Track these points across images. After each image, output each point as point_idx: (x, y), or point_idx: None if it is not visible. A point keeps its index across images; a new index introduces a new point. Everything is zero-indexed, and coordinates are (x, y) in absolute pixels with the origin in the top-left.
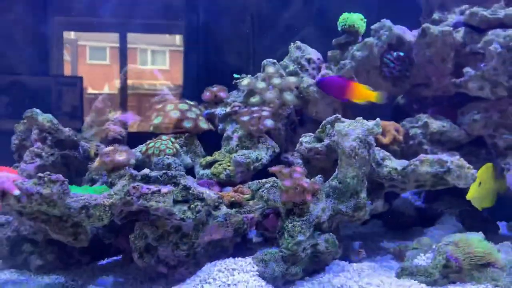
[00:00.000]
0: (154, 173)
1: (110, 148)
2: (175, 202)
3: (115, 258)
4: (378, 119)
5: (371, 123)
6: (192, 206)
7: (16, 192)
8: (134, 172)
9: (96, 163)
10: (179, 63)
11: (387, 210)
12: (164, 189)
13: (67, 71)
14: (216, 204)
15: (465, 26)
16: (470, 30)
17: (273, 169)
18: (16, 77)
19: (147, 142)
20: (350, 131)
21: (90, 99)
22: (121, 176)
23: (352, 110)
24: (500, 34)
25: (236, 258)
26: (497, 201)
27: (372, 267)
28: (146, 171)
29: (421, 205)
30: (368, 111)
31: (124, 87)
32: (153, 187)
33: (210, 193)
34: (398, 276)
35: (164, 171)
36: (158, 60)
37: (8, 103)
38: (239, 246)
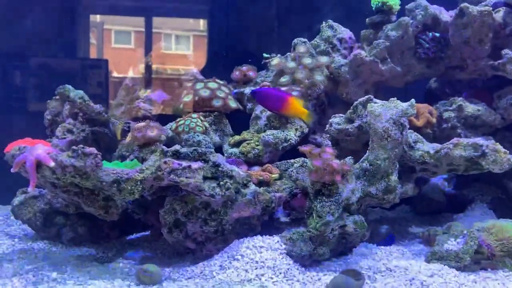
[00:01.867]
0: (184, 150)
1: (141, 124)
2: (205, 178)
3: (143, 233)
4: (412, 100)
5: (405, 104)
6: (221, 183)
7: (51, 163)
8: (165, 148)
9: (128, 138)
10: (203, 48)
11: (416, 195)
12: (195, 165)
13: (93, 54)
14: (245, 182)
15: (505, 6)
16: (510, 10)
17: (303, 148)
18: (44, 60)
19: (177, 120)
20: (384, 111)
21: (115, 82)
22: (152, 151)
23: (384, 93)
24: None
25: (264, 236)
26: None
27: (400, 251)
28: (177, 147)
29: (451, 191)
30: (402, 94)
31: (149, 71)
32: (184, 163)
33: (239, 171)
34: (428, 260)
35: (194, 148)
36: (182, 45)
37: (36, 85)
38: (267, 225)
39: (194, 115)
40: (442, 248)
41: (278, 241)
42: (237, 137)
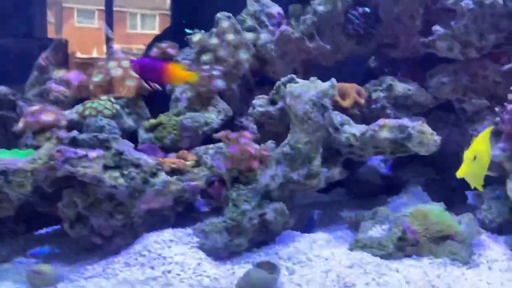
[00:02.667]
0: (83, 136)
1: (35, 107)
2: (107, 168)
3: (55, 227)
4: (333, 79)
5: (326, 84)
6: (125, 172)
7: None
8: (62, 134)
9: (20, 123)
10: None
11: (351, 177)
12: (93, 154)
13: (51, 33)
14: (154, 171)
15: None
16: None
17: (218, 134)
18: None
19: (85, 102)
20: (303, 92)
21: (78, 63)
22: (48, 138)
23: (318, 72)
24: None
25: (175, 229)
26: None
27: (326, 238)
28: (74, 133)
29: (387, 172)
30: (337, 73)
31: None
32: (80, 151)
33: (148, 159)
34: (351, 248)
35: (94, 134)
36: (148, 24)
37: None
38: (183, 216)
39: (104, 97)
40: (366, 235)
41: (190, 234)
42: (153, 121)
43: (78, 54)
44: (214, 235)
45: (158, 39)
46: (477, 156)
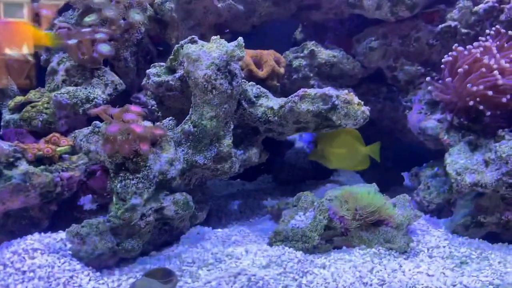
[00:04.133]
0: None
1: None
2: None
3: None
4: (240, 38)
5: (231, 44)
6: None
7: None
8: None
9: None
10: None
11: (276, 161)
12: None
13: None
14: (11, 160)
15: None
16: None
17: (94, 110)
18: None
19: None
20: (203, 54)
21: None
22: None
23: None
24: None
25: (43, 234)
26: (402, 149)
27: (243, 233)
28: None
29: None
30: (257, 42)
31: None
32: None
33: (3, 145)
34: (271, 242)
35: None
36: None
37: None
38: (62, 217)
39: None
40: (288, 225)
41: (63, 239)
42: (18, 98)
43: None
44: (93, 238)
45: None
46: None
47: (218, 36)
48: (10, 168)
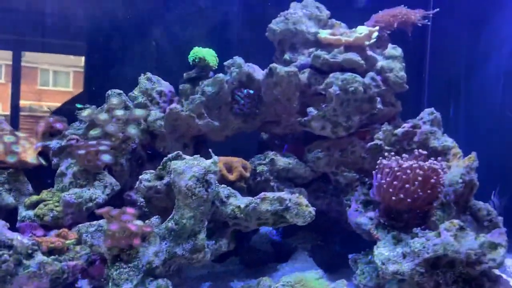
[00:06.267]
0: None
1: None
2: None
3: None
4: (215, 157)
5: (208, 161)
6: None
7: None
8: None
9: None
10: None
11: (244, 246)
12: None
13: None
14: (30, 251)
15: (310, 68)
16: (314, 72)
17: (99, 211)
18: None
19: None
20: (187, 169)
21: None
22: None
23: (211, 145)
24: (339, 77)
25: None
26: (348, 236)
27: None
28: None
29: (279, 239)
30: (231, 147)
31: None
32: None
33: (23, 240)
34: None
35: None
36: (61, 81)
37: None
38: None
39: None
40: None
41: None
42: (34, 198)
43: None
44: None
45: None
46: None
47: (199, 155)
48: (28, 259)
